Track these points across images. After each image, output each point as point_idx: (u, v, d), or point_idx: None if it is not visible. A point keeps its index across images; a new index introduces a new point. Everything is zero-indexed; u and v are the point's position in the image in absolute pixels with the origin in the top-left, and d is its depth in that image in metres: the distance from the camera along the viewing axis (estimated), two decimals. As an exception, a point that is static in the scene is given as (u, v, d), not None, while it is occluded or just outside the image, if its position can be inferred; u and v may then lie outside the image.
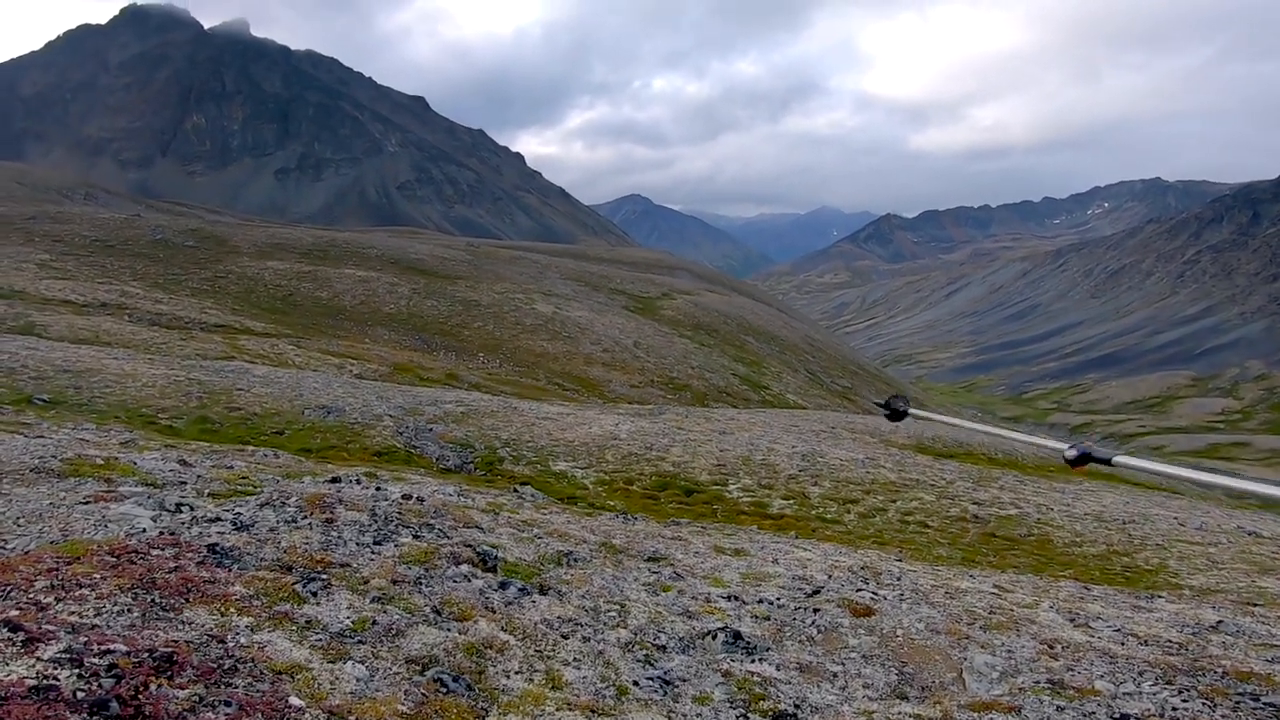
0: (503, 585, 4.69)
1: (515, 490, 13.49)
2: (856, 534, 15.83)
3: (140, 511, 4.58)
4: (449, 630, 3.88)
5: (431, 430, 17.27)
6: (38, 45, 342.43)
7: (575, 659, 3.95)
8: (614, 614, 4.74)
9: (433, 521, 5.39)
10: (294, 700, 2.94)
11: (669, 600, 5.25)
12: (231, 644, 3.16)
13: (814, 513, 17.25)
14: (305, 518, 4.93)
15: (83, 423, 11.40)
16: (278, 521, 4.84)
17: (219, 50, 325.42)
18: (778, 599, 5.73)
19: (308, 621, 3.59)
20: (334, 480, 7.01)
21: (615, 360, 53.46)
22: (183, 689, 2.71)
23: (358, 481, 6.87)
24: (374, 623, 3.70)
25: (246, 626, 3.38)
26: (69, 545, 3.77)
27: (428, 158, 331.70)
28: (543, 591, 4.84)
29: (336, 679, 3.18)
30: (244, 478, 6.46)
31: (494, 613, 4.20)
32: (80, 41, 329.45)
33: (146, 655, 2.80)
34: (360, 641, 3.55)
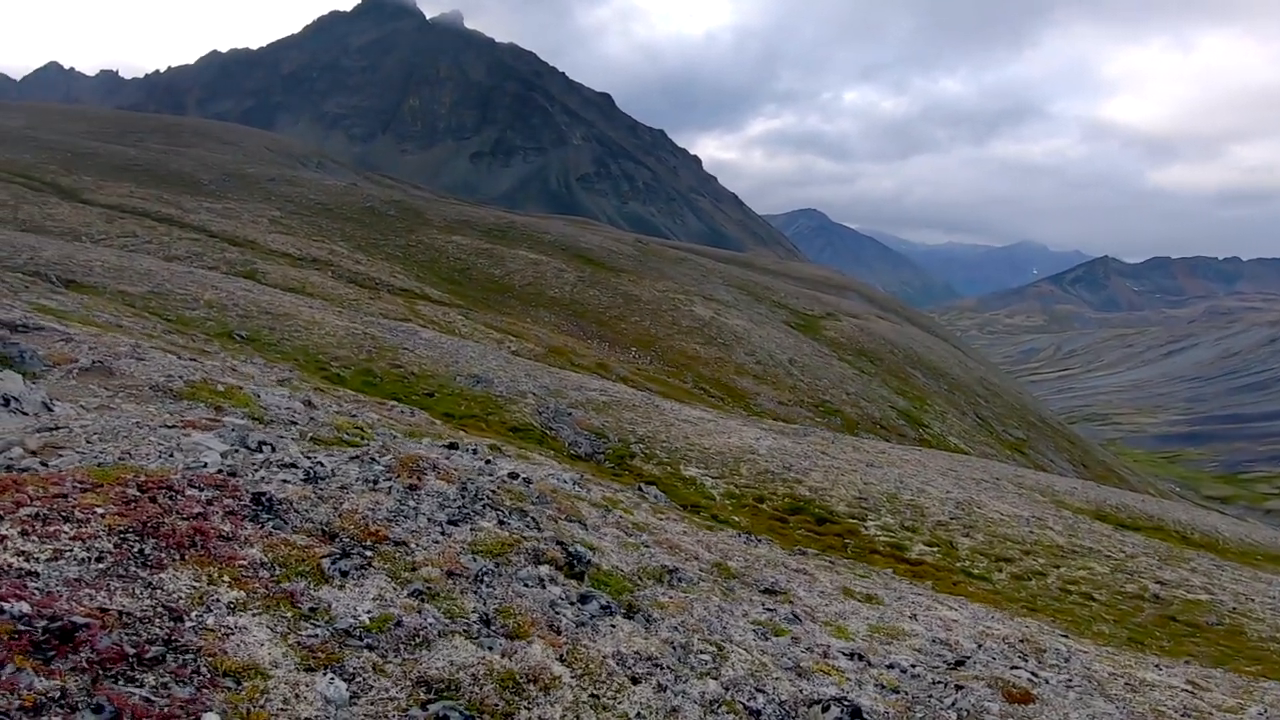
0: (583, 599, 4.01)
1: (639, 489, 13.17)
2: (1005, 595, 14.42)
3: (215, 444, 4.41)
4: (491, 649, 3.15)
5: (570, 415, 17.42)
6: (297, 29, 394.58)
7: (639, 714, 3.15)
8: (707, 658, 3.93)
9: (529, 508, 4.91)
10: None
11: (779, 648, 4.46)
12: (189, 625, 2.58)
13: (959, 565, 15.76)
14: (388, 480, 4.55)
15: (255, 356, 12.44)
16: (357, 479, 4.47)
17: (437, 39, 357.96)
18: (912, 666, 4.81)
19: (313, 609, 2.98)
20: (450, 446, 6.75)
21: (767, 374, 52.15)
22: (50, 678, 2.13)
23: (473, 451, 6.60)
24: (398, 624, 3.03)
25: (228, 604, 2.78)
26: (102, 471, 3.52)
27: (608, 153, 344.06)
28: (629, 613, 4.11)
29: (296, 697, 2.46)
30: (359, 429, 6.38)
31: (558, 634, 3.48)
32: (330, 26, 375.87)
33: (44, 624, 2.27)
34: (367, 646, 2.86)
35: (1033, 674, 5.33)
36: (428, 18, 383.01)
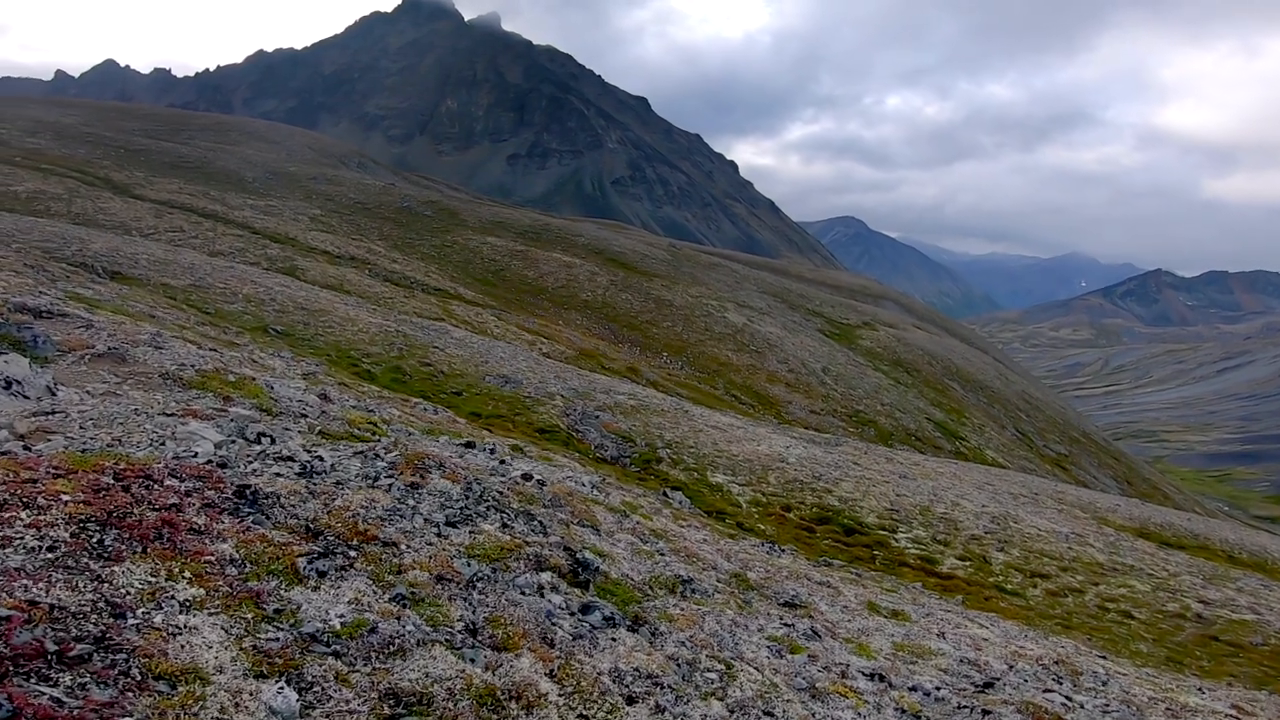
0: (585, 609, 3.71)
1: (664, 494, 13.00)
2: (1039, 612, 14.05)
3: (211, 434, 4.28)
4: (473, 661, 2.86)
5: (598, 417, 17.31)
6: (339, 29, 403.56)
7: (631, 739, 2.88)
8: (714, 676, 3.59)
9: (538, 511, 4.67)
10: None
11: (794, 666, 4.14)
12: (132, 622, 2.39)
13: (992, 580, 15.34)
14: (390, 477, 4.35)
15: (284, 350, 12.54)
16: (356, 474, 4.28)
17: (474, 41, 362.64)
18: (936, 688, 4.51)
19: (278, 611, 2.74)
20: (467, 445, 6.55)
21: (799, 382, 51.56)
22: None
23: (490, 451, 6.42)
24: (372, 630, 2.78)
25: (182, 602, 2.57)
26: (82, 457, 3.40)
27: (643, 157, 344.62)
28: (634, 626, 3.79)
29: (236, 706, 2.23)
30: (374, 424, 6.25)
31: (550, 647, 3.16)
32: (370, 27, 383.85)
33: (-39, 617, 2.08)
34: (333, 653, 2.61)
35: (1066, 698, 5.04)
36: (466, 19, 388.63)
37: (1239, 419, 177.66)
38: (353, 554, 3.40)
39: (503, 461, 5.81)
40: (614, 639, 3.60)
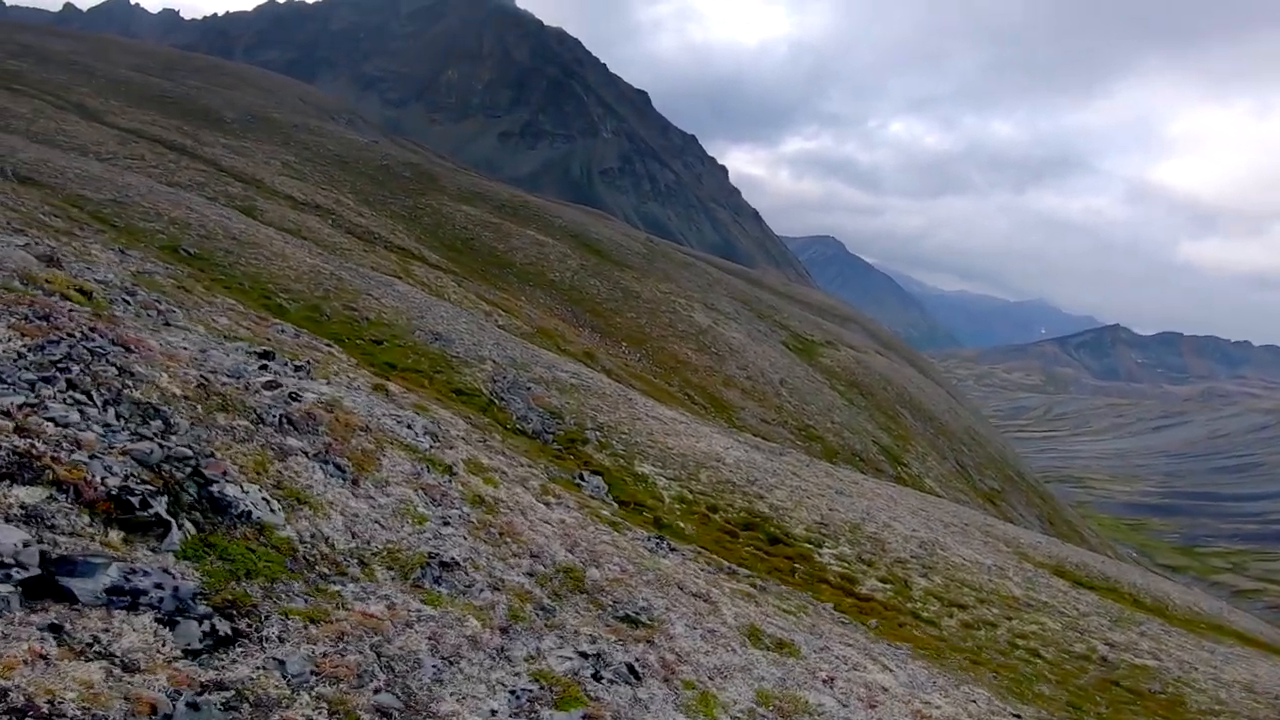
0: (115, 592, 2.06)
1: (580, 477, 12.32)
2: (950, 643, 13.83)
3: None
4: None
5: (529, 389, 16.53)
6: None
7: None
8: None
9: (201, 417, 3.01)
10: None
11: None
12: None
13: (910, 606, 15.05)
14: None
15: (142, 253, 11.49)
16: None
17: (486, 14, 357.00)
18: None
19: None
20: (264, 354, 5.35)
21: (755, 390, 51.35)
22: None
23: (298, 368, 5.06)
24: None
25: None
26: None
27: (635, 150, 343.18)
28: (191, 617, 2.14)
29: None
30: (85, 291, 4.88)
31: None
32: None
33: None
34: None
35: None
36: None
37: (1163, 474, 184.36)
38: None
39: (266, 368, 4.44)
40: (91, 637, 1.90)
